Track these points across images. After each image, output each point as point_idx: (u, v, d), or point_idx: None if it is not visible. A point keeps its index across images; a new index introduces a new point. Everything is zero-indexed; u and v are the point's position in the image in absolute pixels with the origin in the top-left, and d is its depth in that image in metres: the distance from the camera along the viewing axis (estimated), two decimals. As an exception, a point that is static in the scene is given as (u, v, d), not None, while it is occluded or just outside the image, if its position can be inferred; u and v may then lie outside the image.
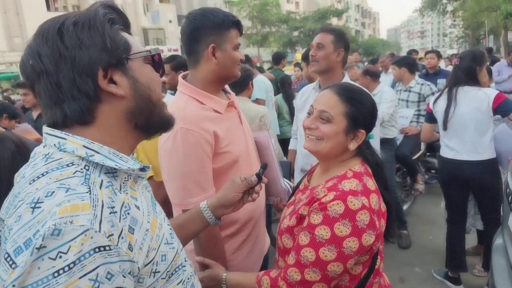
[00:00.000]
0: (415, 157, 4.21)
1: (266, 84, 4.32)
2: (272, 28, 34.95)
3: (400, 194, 4.12)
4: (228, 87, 1.58)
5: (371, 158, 1.26)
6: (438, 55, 5.55)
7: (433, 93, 3.99)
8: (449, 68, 9.65)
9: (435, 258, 3.34)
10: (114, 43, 0.73)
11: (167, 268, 0.78)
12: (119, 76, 0.74)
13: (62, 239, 0.58)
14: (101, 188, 0.68)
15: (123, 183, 0.76)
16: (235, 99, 1.55)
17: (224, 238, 1.43)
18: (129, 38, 0.78)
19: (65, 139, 0.71)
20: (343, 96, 1.21)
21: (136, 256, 0.68)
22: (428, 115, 3.03)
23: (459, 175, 2.78)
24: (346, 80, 2.27)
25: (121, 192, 0.73)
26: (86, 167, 0.70)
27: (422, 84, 4.11)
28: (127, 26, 0.81)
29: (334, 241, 1.07)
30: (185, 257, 0.90)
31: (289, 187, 1.61)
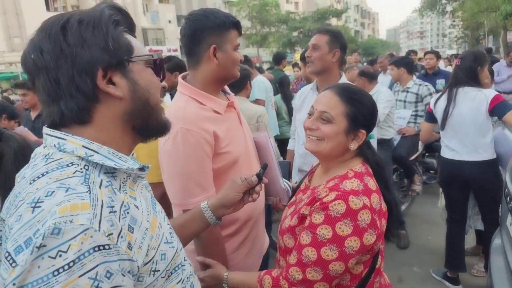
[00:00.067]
0: (412, 158, 4.19)
1: (265, 84, 4.32)
2: (271, 28, 34.95)
3: (397, 195, 4.11)
4: (227, 87, 1.58)
5: (371, 158, 1.26)
6: (437, 55, 5.51)
7: (430, 94, 3.99)
8: (449, 69, 9.68)
9: (433, 258, 3.34)
10: (116, 44, 0.73)
11: (167, 267, 0.78)
12: (118, 78, 0.74)
13: (62, 238, 0.58)
14: (100, 188, 0.68)
15: (123, 182, 0.76)
16: (234, 99, 1.55)
17: (224, 238, 1.43)
18: (132, 40, 0.78)
19: (64, 139, 0.72)
20: (344, 96, 1.22)
21: (135, 255, 0.68)
22: (428, 114, 3.03)
23: (459, 175, 2.78)
24: (343, 81, 2.28)
25: (120, 191, 0.73)
26: (86, 167, 0.70)
27: (419, 85, 4.10)
28: (132, 29, 0.81)
29: (336, 241, 1.08)
30: (184, 257, 0.90)
31: (288, 187, 1.62)
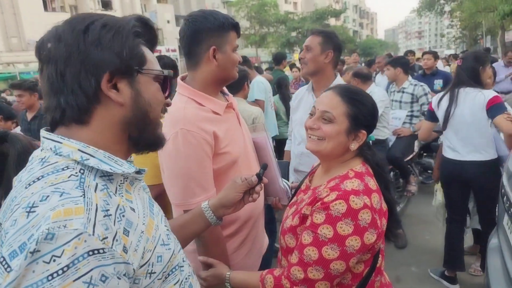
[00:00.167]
0: (407, 158, 4.18)
1: (265, 84, 4.33)
2: (270, 28, 34.94)
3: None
4: (226, 89, 1.59)
5: (371, 158, 1.27)
6: (435, 56, 5.52)
7: (426, 94, 3.98)
8: (447, 69, 9.69)
9: (431, 258, 3.36)
10: (130, 53, 0.74)
11: (163, 269, 0.78)
12: (123, 85, 0.75)
13: (55, 243, 0.59)
14: (95, 191, 0.68)
15: (119, 185, 0.76)
16: (233, 100, 1.56)
17: (224, 238, 1.44)
18: (148, 54, 0.80)
19: (60, 143, 0.72)
20: (345, 97, 1.23)
21: (131, 258, 0.68)
22: (429, 113, 3.01)
23: (460, 175, 2.78)
24: (338, 81, 2.29)
25: (116, 194, 0.73)
26: (81, 171, 0.70)
27: (415, 85, 4.09)
28: (153, 44, 0.83)
29: (337, 240, 1.09)
30: (183, 258, 0.90)
31: (288, 187, 1.63)
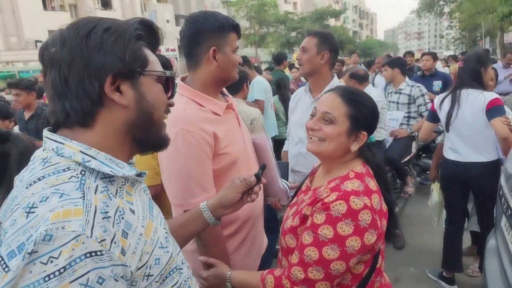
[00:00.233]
0: (405, 160, 4.17)
1: (265, 85, 4.34)
2: (269, 28, 34.92)
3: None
4: (225, 90, 1.59)
5: (372, 159, 1.28)
6: (434, 57, 5.50)
7: (423, 95, 3.97)
8: (446, 70, 9.70)
9: (429, 259, 3.36)
10: (133, 55, 0.75)
11: (161, 271, 0.78)
12: (126, 87, 0.75)
13: (53, 244, 0.59)
14: (96, 193, 0.69)
15: (120, 187, 0.76)
16: (233, 101, 1.57)
17: (224, 238, 1.44)
18: (150, 56, 0.80)
19: (63, 143, 0.72)
20: (346, 98, 1.23)
21: (129, 260, 0.68)
22: (431, 114, 2.99)
23: (461, 176, 2.76)
24: (335, 82, 2.31)
25: (116, 196, 0.73)
26: (82, 172, 0.70)
27: (412, 86, 4.07)
28: (155, 46, 0.84)
29: (337, 240, 1.09)
30: (182, 260, 0.91)
31: (287, 187, 1.63)
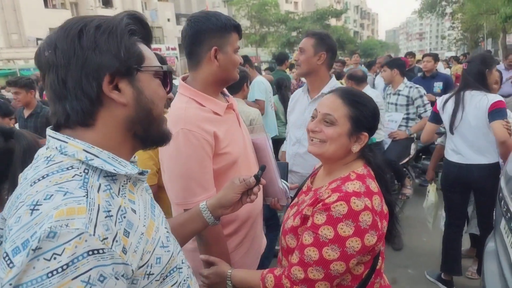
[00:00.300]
0: (403, 161, 4.16)
1: (265, 85, 4.34)
2: (270, 28, 34.87)
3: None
4: (226, 89, 1.59)
5: (373, 160, 1.28)
6: (435, 58, 5.48)
7: (421, 96, 3.96)
8: (447, 71, 9.68)
9: (428, 260, 3.36)
10: (128, 52, 0.75)
11: (161, 270, 0.79)
12: (125, 85, 0.75)
13: (57, 241, 0.60)
14: (98, 192, 0.69)
15: (122, 186, 0.77)
16: (233, 101, 1.57)
17: (225, 237, 1.44)
18: (145, 50, 0.80)
19: (66, 142, 0.73)
20: (346, 99, 1.23)
21: (130, 259, 0.69)
22: (433, 115, 2.96)
23: (464, 178, 2.75)
24: (333, 82, 2.30)
25: (119, 195, 0.74)
26: (86, 171, 0.71)
27: (410, 87, 4.06)
28: (148, 39, 0.83)
29: (337, 241, 1.09)
30: (182, 259, 0.91)
31: (287, 187, 1.63)
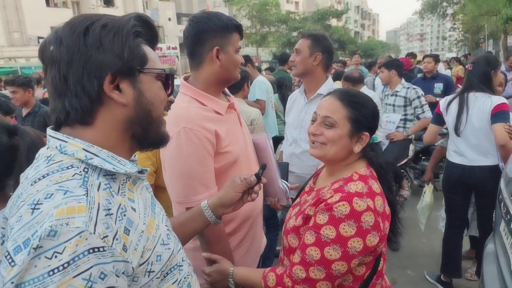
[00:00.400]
0: (401, 163, 4.15)
1: (266, 84, 4.35)
2: (271, 28, 34.81)
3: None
4: (227, 89, 1.60)
5: (375, 160, 1.29)
6: (435, 59, 5.47)
7: (419, 97, 3.95)
8: (448, 72, 9.68)
9: (427, 261, 3.35)
10: (131, 53, 0.75)
11: (162, 268, 0.80)
12: (126, 85, 0.76)
13: (58, 240, 0.60)
14: (98, 191, 0.70)
15: (122, 184, 0.77)
16: (234, 101, 1.57)
17: (226, 235, 1.44)
18: (149, 52, 0.80)
19: (66, 141, 0.73)
20: (345, 100, 1.24)
21: (130, 257, 0.70)
22: (436, 116, 2.94)
23: (466, 180, 2.74)
24: (329, 83, 2.31)
25: (118, 194, 0.75)
26: (85, 170, 0.72)
27: (408, 88, 4.04)
28: (154, 42, 0.84)
29: (339, 241, 1.10)
30: (182, 257, 0.91)
31: (287, 187, 1.64)
